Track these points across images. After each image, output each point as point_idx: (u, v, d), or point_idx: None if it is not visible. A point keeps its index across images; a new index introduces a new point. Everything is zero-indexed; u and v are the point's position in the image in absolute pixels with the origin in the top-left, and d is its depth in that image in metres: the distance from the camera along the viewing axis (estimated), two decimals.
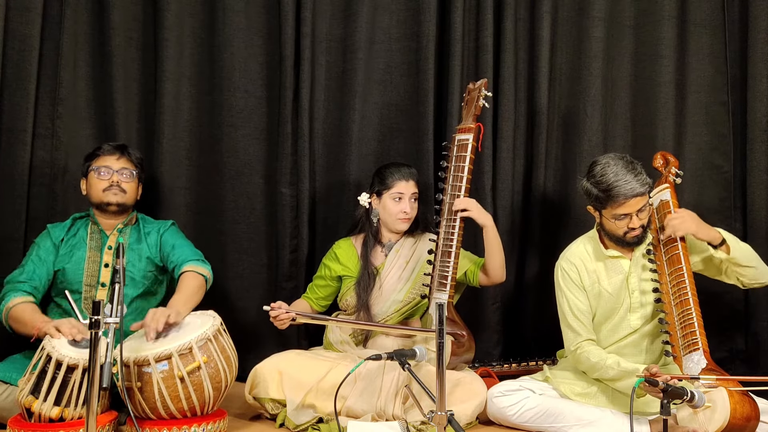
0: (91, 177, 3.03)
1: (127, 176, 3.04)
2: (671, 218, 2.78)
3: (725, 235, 2.78)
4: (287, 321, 2.81)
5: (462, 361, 2.95)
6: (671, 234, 2.76)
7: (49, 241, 3.01)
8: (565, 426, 2.74)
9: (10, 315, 2.80)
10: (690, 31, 3.48)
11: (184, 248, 3.06)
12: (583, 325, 2.85)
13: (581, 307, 2.86)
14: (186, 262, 2.98)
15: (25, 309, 2.81)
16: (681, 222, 2.76)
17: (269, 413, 2.88)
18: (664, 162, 2.98)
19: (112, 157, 3.03)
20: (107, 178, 3.01)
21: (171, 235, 3.10)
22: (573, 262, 2.91)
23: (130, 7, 3.47)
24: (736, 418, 2.35)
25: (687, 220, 2.76)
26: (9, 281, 2.92)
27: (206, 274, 2.98)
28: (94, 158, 3.05)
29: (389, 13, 3.54)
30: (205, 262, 3.03)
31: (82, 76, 3.44)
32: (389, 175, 3.12)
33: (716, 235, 2.76)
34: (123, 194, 3.02)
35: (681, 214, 2.78)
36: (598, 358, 2.76)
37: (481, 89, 3.03)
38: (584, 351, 2.80)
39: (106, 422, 2.49)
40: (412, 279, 3.13)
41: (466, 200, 2.94)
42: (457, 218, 2.93)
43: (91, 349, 2.04)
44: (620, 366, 2.68)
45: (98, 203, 3.03)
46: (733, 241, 2.77)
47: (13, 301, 2.82)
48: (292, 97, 3.46)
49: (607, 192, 2.73)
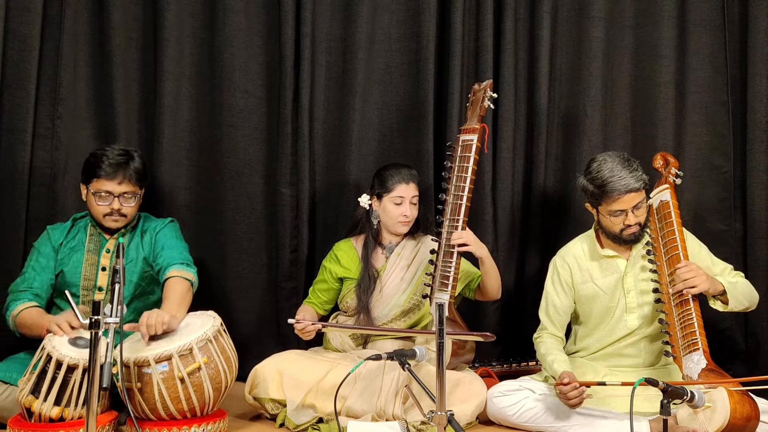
0: (90, 197, 2.94)
1: (128, 200, 2.93)
2: (683, 272, 2.66)
3: (725, 284, 2.73)
4: (313, 332, 2.85)
5: (462, 361, 2.96)
6: (682, 289, 2.66)
7: (49, 245, 2.98)
8: (565, 426, 2.74)
9: (17, 322, 2.81)
10: (690, 31, 3.48)
11: (173, 250, 2.97)
12: (551, 321, 2.96)
13: (557, 304, 2.95)
14: (171, 266, 2.90)
15: (31, 313, 2.81)
16: (696, 278, 2.65)
17: (269, 413, 2.88)
18: (664, 162, 2.98)
19: (113, 182, 2.88)
20: (107, 204, 2.90)
21: (165, 234, 3.03)
22: (566, 261, 2.96)
23: (130, 7, 3.47)
24: (736, 418, 2.35)
25: (701, 275, 2.66)
26: (11, 291, 2.92)
27: (191, 279, 2.90)
28: (94, 177, 2.89)
29: (389, 13, 3.54)
30: (190, 267, 2.94)
31: (82, 76, 3.43)
32: (389, 178, 3.10)
33: (720, 287, 2.72)
34: (124, 219, 2.94)
35: (693, 269, 2.67)
36: (545, 350, 2.88)
37: (487, 90, 3.02)
38: (540, 341, 2.94)
39: (106, 422, 2.49)
40: (413, 283, 3.13)
41: (465, 234, 2.92)
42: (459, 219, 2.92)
43: (91, 349, 2.04)
44: (552, 366, 2.77)
45: (97, 222, 2.98)
46: (731, 288, 2.74)
47: (18, 308, 2.82)
48: (292, 97, 3.46)
49: (602, 188, 2.75)
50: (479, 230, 3.45)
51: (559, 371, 2.70)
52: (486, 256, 3.01)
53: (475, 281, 3.13)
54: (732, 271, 2.92)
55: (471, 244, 2.92)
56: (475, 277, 3.13)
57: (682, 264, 2.69)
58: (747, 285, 2.85)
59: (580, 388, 2.60)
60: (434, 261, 2.98)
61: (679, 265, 2.69)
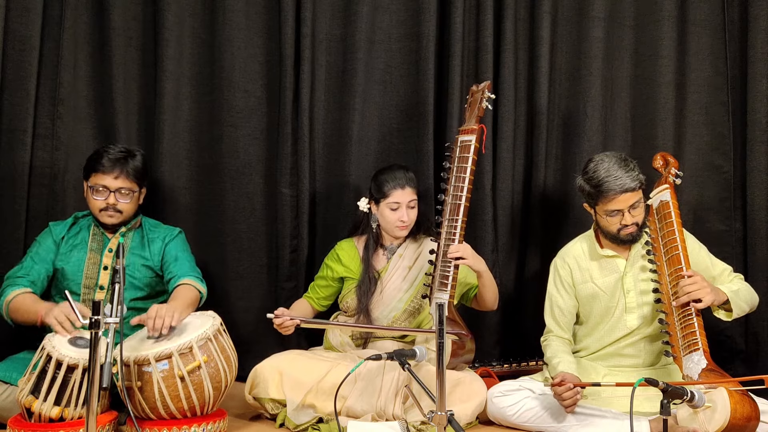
0: (88, 191, 2.98)
1: (124, 196, 2.96)
2: (687, 284, 2.64)
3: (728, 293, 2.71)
4: (292, 327, 2.80)
5: (462, 361, 2.95)
6: (686, 302, 2.64)
7: (51, 239, 3.01)
8: (565, 426, 2.74)
9: (11, 307, 2.81)
10: (690, 31, 3.48)
11: (185, 263, 3.04)
12: (556, 322, 2.95)
13: (561, 305, 2.94)
14: (184, 276, 2.97)
15: (25, 299, 2.82)
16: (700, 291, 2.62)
17: (269, 413, 2.88)
18: (664, 163, 2.99)
19: (110, 176, 2.92)
20: (103, 198, 2.94)
21: (175, 245, 3.08)
22: (566, 261, 2.97)
23: (130, 7, 3.47)
24: (737, 418, 2.35)
25: (705, 287, 2.63)
26: (8, 277, 2.92)
27: (202, 291, 2.98)
28: (93, 172, 2.95)
29: (389, 13, 3.54)
30: (202, 282, 3.01)
31: (82, 76, 3.44)
32: (384, 183, 3.08)
33: (723, 297, 2.70)
34: (119, 215, 2.97)
35: (697, 281, 2.64)
36: (551, 353, 2.87)
37: (485, 91, 3.03)
38: (547, 345, 2.93)
39: (106, 422, 2.49)
40: (414, 287, 3.12)
41: (462, 248, 2.90)
42: (458, 219, 2.92)
43: (91, 349, 2.04)
44: (557, 368, 2.75)
45: (95, 218, 3.01)
46: (734, 297, 2.72)
47: (13, 294, 2.83)
48: (292, 97, 3.46)
49: (597, 187, 2.76)
50: (479, 230, 3.46)
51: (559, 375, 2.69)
52: (483, 270, 3.00)
53: (473, 290, 3.12)
54: (731, 273, 2.92)
55: (468, 258, 2.90)
56: (472, 287, 3.12)
57: (687, 276, 2.66)
58: (748, 290, 2.84)
59: (574, 389, 2.60)
60: (434, 261, 2.98)
61: (684, 276, 2.66)
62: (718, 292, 2.69)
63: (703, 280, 2.66)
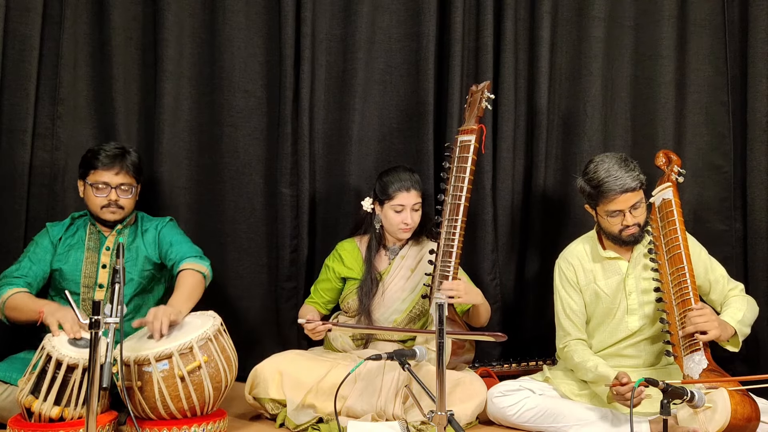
0: (87, 189, 2.98)
1: (125, 191, 2.97)
2: (695, 316, 2.61)
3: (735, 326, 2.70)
4: (324, 332, 2.89)
5: (462, 361, 2.95)
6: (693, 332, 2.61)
7: (48, 239, 3.01)
8: (565, 426, 2.74)
9: (7, 305, 2.81)
10: (690, 31, 3.47)
11: (183, 245, 3.03)
12: (573, 324, 2.89)
13: (574, 307, 2.90)
14: (184, 259, 2.96)
15: (23, 297, 2.82)
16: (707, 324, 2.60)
17: (269, 413, 2.88)
18: (667, 160, 2.98)
19: (110, 172, 2.94)
20: (105, 196, 2.94)
21: (169, 231, 3.08)
22: (571, 262, 2.95)
23: (130, 7, 3.47)
24: (737, 418, 2.35)
25: (713, 321, 2.61)
26: (4, 276, 2.92)
27: (204, 271, 2.95)
28: (92, 169, 2.95)
29: (389, 13, 3.54)
30: (203, 259, 3.00)
31: (82, 76, 3.44)
32: (390, 185, 3.06)
33: (731, 331, 2.69)
34: (121, 211, 2.98)
35: (705, 314, 2.62)
36: (580, 358, 2.78)
37: (484, 91, 3.03)
38: (570, 349, 2.84)
39: (106, 422, 2.49)
40: (416, 291, 3.11)
41: (455, 284, 2.86)
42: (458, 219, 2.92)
43: (91, 349, 2.04)
44: (597, 370, 2.69)
45: (95, 216, 3.01)
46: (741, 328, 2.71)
47: (9, 292, 2.83)
48: (292, 97, 3.46)
49: (598, 188, 2.75)
50: (479, 230, 3.46)
51: (608, 373, 2.64)
52: (480, 302, 3.00)
53: (466, 306, 3.10)
54: (730, 281, 2.89)
55: (462, 296, 2.88)
56: (465, 307, 3.10)
57: (696, 308, 2.63)
58: (750, 308, 2.80)
59: (639, 388, 2.47)
60: (434, 261, 2.98)
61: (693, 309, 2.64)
62: (726, 327, 2.66)
63: (711, 314, 2.63)
